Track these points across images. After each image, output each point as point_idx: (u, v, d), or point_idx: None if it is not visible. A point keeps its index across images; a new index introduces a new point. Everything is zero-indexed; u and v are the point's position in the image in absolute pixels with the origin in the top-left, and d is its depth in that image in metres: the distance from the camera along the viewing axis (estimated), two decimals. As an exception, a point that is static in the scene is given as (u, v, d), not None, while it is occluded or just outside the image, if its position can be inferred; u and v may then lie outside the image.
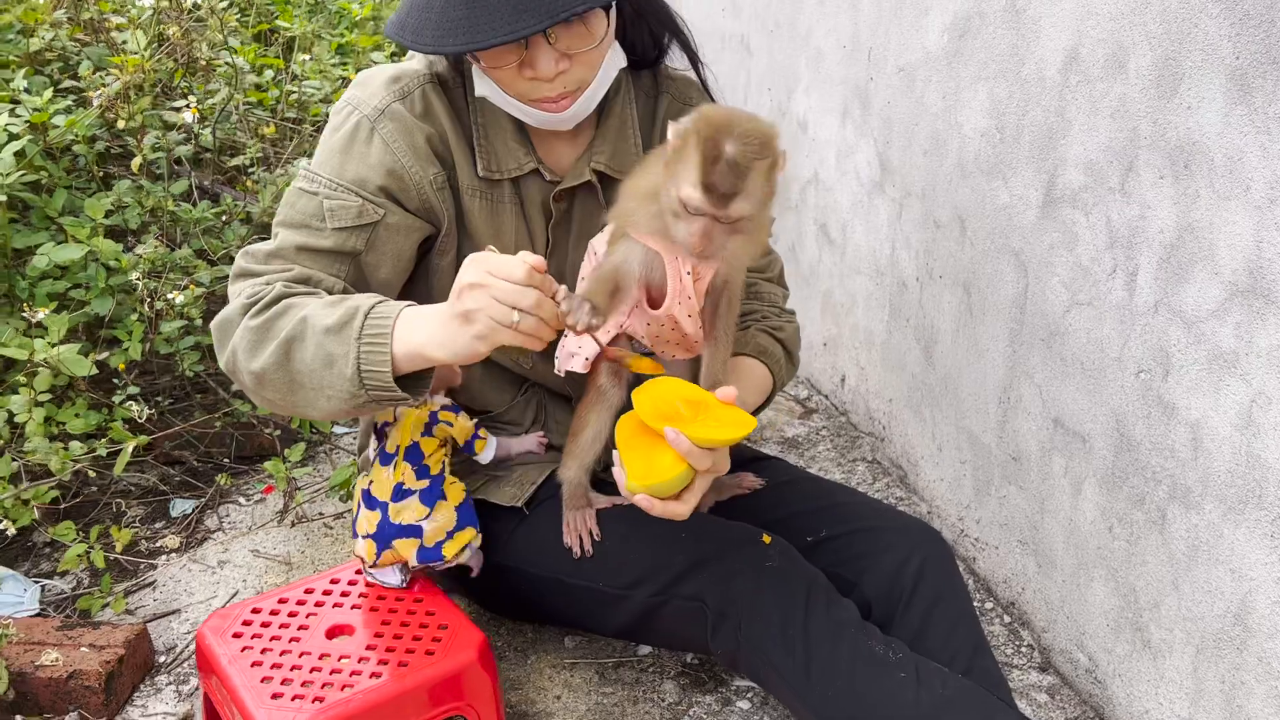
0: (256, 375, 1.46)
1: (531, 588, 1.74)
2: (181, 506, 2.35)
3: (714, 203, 1.32)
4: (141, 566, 2.17)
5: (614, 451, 1.43)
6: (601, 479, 1.76)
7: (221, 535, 2.29)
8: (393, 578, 1.67)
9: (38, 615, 1.98)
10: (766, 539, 1.61)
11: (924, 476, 2.36)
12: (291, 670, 1.53)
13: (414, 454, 1.61)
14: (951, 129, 2.11)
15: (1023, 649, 1.98)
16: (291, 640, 1.59)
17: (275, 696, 1.48)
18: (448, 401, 1.65)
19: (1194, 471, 1.53)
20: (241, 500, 2.42)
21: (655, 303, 1.51)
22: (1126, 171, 1.62)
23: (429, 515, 1.60)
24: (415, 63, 1.63)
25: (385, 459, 1.62)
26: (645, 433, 1.42)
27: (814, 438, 2.72)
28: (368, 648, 1.57)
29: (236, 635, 1.60)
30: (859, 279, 2.61)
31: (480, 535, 1.68)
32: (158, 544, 2.24)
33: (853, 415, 2.73)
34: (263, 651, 1.57)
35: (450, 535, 1.62)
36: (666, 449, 1.39)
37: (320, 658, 1.55)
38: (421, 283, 1.69)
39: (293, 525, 2.28)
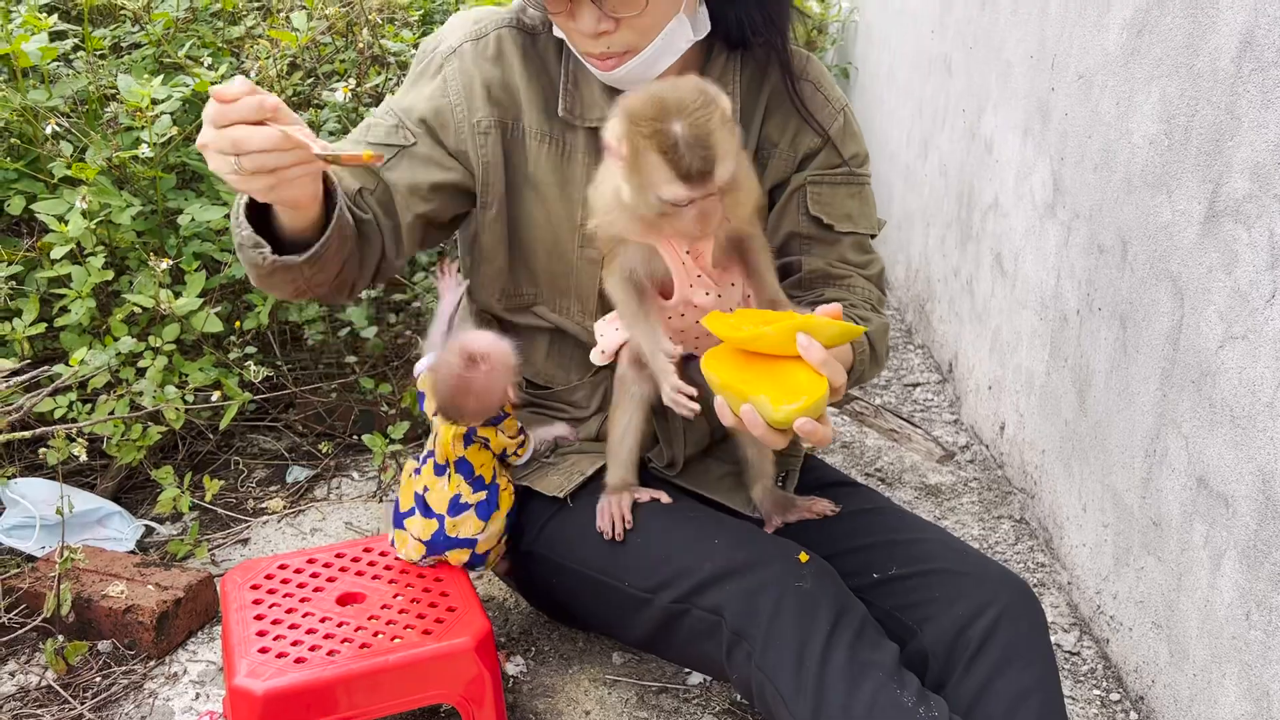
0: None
1: (559, 581, 1.62)
2: (297, 474, 2.41)
3: (700, 185, 1.22)
4: (241, 523, 2.22)
5: (717, 397, 1.25)
6: (649, 471, 1.66)
7: (326, 505, 2.32)
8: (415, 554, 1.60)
9: (131, 553, 2.06)
10: (804, 557, 1.41)
11: (1067, 541, 2.04)
12: (289, 629, 1.48)
13: (465, 467, 1.55)
14: (1121, 138, 1.83)
15: (1147, 754, 1.65)
16: (302, 600, 1.55)
17: (262, 650, 1.43)
18: (495, 414, 1.57)
19: (1344, 548, 1.21)
20: (355, 475, 2.44)
21: (667, 295, 1.42)
22: (1295, 173, 1.32)
23: (484, 529, 1.57)
24: (505, 8, 1.60)
25: (439, 470, 1.56)
26: (749, 363, 1.24)
27: (959, 488, 2.43)
28: (370, 618, 1.51)
29: (254, 586, 1.58)
30: (1025, 314, 2.33)
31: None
32: (264, 504, 2.29)
33: (1008, 468, 2.42)
34: (270, 606, 1.53)
35: (500, 540, 1.61)
36: (790, 370, 1.21)
37: (321, 621, 1.50)
38: (474, 237, 1.65)
39: (380, 501, 2.27)
